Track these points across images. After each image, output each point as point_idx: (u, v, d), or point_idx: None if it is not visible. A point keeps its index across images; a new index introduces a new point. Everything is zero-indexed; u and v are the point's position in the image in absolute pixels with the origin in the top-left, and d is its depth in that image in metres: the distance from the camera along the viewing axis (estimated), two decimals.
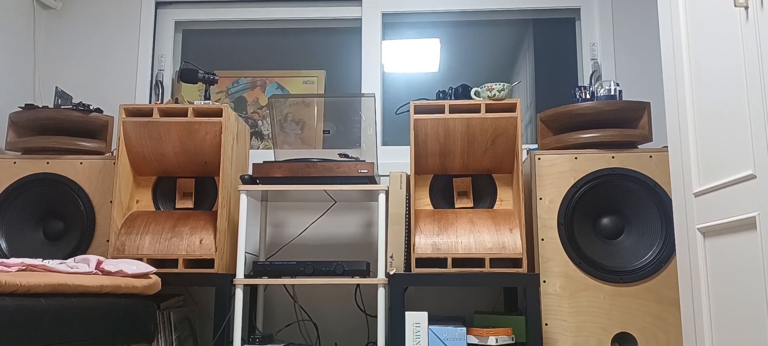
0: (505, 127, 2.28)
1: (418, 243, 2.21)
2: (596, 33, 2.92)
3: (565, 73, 2.99)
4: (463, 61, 3.04)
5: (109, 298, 1.80)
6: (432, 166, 2.39)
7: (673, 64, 1.71)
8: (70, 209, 2.40)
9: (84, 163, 2.42)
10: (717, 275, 1.53)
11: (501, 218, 2.26)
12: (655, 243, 2.22)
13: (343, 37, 3.08)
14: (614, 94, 2.34)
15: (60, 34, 2.99)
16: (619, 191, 2.25)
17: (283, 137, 2.64)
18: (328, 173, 2.28)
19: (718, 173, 1.50)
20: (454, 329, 2.10)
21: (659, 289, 2.19)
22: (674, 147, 1.72)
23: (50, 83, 2.94)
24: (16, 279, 1.43)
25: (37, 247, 2.40)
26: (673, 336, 2.17)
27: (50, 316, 1.51)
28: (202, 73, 2.48)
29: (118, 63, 2.96)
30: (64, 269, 1.69)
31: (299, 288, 2.70)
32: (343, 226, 2.76)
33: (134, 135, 2.35)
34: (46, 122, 2.43)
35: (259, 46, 3.11)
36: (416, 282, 2.19)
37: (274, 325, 2.68)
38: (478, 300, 2.66)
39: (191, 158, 2.40)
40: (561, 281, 2.21)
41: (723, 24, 1.47)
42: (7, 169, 2.41)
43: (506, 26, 3.07)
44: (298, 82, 3.03)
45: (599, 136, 2.28)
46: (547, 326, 2.19)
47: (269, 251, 2.74)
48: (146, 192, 2.44)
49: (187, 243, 2.25)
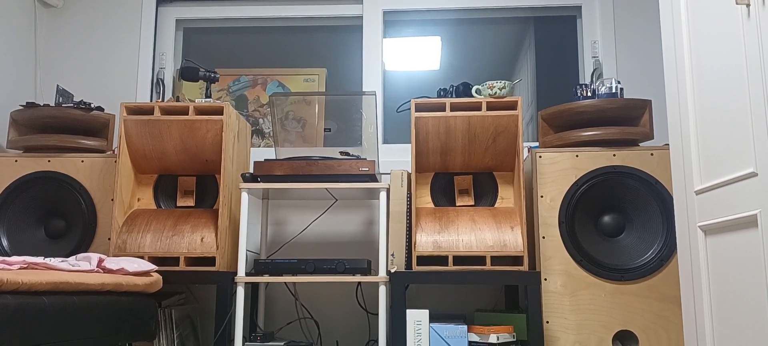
0: (507, 125, 2.28)
1: (420, 241, 2.21)
2: (597, 31, 2.91)
3: (566, 71, 2.99)
4: (464, 59, 3.04)
5: (111, 296, 1.80)
6: (433, 164, 2.39)
7: (675, 62, 1.71)
8: (71, 207, 2.40)
9: (85, 162, 2.42)
10: (718, 272, 1.53)
11: (502, 216, 2.26)
12: (656, 241, 2.22)
13: (344, 35, 3.08)
14: (615, 92, 2.34)
15: (61, 33, 2.99)
16: (620, 189, 2.25)
17: (284, 135, 2.64)
18: (329, 171, 2.28)
19: (720, 171, 1.50)
20: (456, 327, 2.10)
21: (660, 287, 2.19)
22: (675, 145, 1.72)
23: (51, 81, 2.94)
24: (18, 277, 1.44)
25: (38, 245, 2.40)
26: (674, 334, 2.17)
27: (52, 314, 1.52)
28: (203, 71, 2.49)
29: (119, 61, 2.96)
30: (66, 267, 1.69)
31: (300, 286, 2.71)
32: (344, 224, 2.76)
33: (135, 133, 2.35)
34: (47, 120, 2.43)
35: (260, 44, 3.11)
36: (417, 280, 2.19)
37: (276, 323, 2.69)
38: (479, 298, 2.66)
39: (192, 156, 2.40)
40: (562, 279, 2.21)
41: (724, 22, 1.47)
42: (9, 167, 2.42)
43: (507, 24, 3.07)
44: (299, 80, 3.03)
45: (600, 134, 2.28)
46: (549, 324, 2.19)
47: (270, 249, 2.74)
48: (147, 190, 2.45)
49: (188, 241, 2.25)
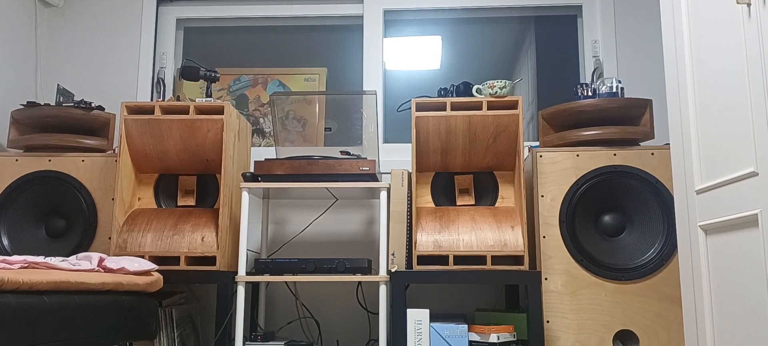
0: (507, 124, 2.28)
1: (420, 240, 2.21)
2: (598, 30, 2.91)
3: (566, 71, 2.99)
4: (464, 58, 3.04)
5: (111, 295, 1.80)
6: (433, 163, 2.39)
7: (675, 62, 1.71)
8: (72, 206, 2.40)
9: (86, 161, 2.42)
10: (719, 272, 1.53)
11: (503, 216, 2.26)
12: (656, 241, 2.21)
13: (344, 34, 3.08)
14: (616, 92, 2.33)
15: (62, 32, 2.99)
16: (620, 189, 2.25)
17: (285, 135, 2.64)
18: (330, 170, 2.28)
19: (720, 170, 1.50)
20: (456, 327, 2.10)
21: (661, 286, 2.19)
22: (676, 144, 1.72)
23: (52, 81, 2.94)
24: (19, 276, 1.44)
25: (39, 244, 2.40)
26: (674, 334, 2.17)
27: (52, 313, 1.52)
28: (204, 70, 2.49)
29: (119, 60, 2.96)
30: (67, 267, 1.69)
31: (301, 285, 2.71)
32: (344, 223, 2.76)
33: (136, 132, 2.35)
34: (48, 120, 2.43)
35: (261, 44, 3.11)
36: (418, 280, 2.19)
37: (276, 322, 2.69)
38: (480, 297, 2.66)
39: (193, 156, 2.40)
40: (563, 278, 2.21)
41: (725, 21, 1.47)
42: (9, 166, 2.42)
43: (508, 23, 3.07)
44: (300, 80, 3.03)
45: (601, 133, 2.28)
46: (549, 324, 2.19)
47: (271, 249, 2.74)
48: (148, 190, 2.45)
49: (188, 240, 2.25)
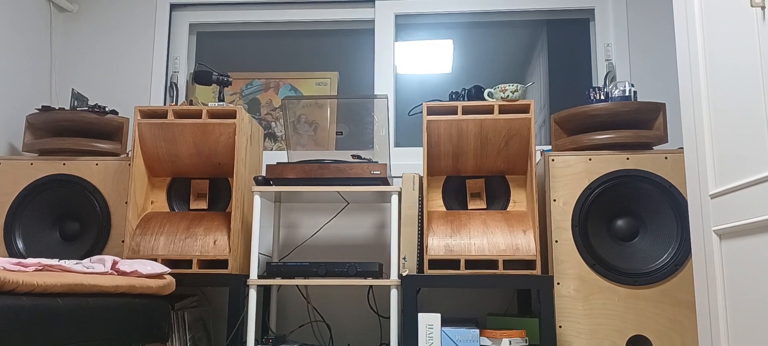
0: (519, 128, 2.27)
1: (431, 245, 2.20)
2: (610, 33, 2.90)
3: (579, 74, 2.98)
4: (476, 62, 3.03)
5: (124, 298, 1.81)
6: (445, 167, 2.39)
7: (689, 65, 1.70)
8: (86, 209, 2.42)
9: (100, 165, 2.44)
10: (733, 277, 1.51)
11: (514, 220, 2.25)
12: (670, 245, 2.20)
13: (356, 38, 3.08)
14: (629, 95, 2.32)
15: (76, 37, 3.02)
16: (633, 193, 2.24)
17: (297, 139, 2.65)
18: (341, 174, 2.28)
19: (735, 175, 1.49)
20: (467, 331, 2.10)
21: (675, 292, 2.17)
22: (690, 148, 1.70)
23: (66, 85, 2.97)
24: (33, 279, 1.45)
25: (53, 247, 2.42)
26: (688, 339, 2.15)
27: (66, 315, 1.53)
28: (216, 75, 2.50)
29: (133, 65, 2.98)
30: (80, 269, 1.71)
31: (312, 289, 2.71)
32: (355, 227, 2.76)
33: (149, 136, 2.37)
34: (62, 124, 2.46)
35: (273, 49, 3.12)
36: (429, 284, 2.19)
37: (288, 326, 2.69)
38: (492, 302, 2.65)
39: (205, 160, 2.42)
40: (575, 283, 2.20)
41: (739, 24, 1.46)
42: (24, 170, 2.44)
43: (520, 27, 3.06)
44: (312, 84, 3.04)
45: (614, 137, 2.26)
46: (561, 329, 2.18)
47: (282, 252, 2.75)
48: (161, 193, 2.46)
49: (201, 244, 2.26)
